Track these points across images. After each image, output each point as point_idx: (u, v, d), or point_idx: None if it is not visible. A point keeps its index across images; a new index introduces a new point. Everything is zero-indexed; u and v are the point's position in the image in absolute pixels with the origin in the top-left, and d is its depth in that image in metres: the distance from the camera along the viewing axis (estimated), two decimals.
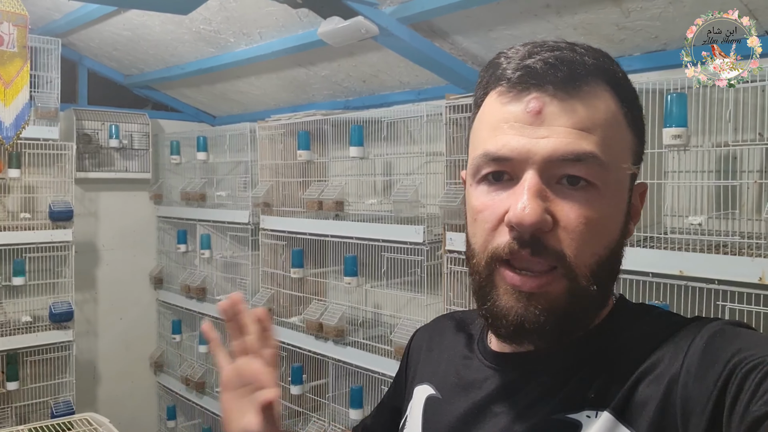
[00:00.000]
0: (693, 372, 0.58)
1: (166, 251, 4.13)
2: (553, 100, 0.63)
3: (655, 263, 1.70)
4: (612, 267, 0.67)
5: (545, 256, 0.62)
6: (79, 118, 3.67)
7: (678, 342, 0.62)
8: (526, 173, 0.63)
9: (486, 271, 0.66)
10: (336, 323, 2.73)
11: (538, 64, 0.64)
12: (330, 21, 2.09)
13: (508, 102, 0.65)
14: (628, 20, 1.95)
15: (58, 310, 3.34)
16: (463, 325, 0.86)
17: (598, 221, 0.63)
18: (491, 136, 0.66)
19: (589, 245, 0.63)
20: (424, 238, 2.37)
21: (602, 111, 0.64)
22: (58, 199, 3.40)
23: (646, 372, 0.62)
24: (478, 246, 0.67)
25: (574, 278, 0.63)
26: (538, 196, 0.62)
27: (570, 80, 0.64)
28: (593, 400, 0.63)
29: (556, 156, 0.62)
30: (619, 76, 0.68)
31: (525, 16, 2.07)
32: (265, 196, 3.13)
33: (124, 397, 4.00)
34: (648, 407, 0.59)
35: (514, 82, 0.65)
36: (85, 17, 3.00)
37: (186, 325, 3.95)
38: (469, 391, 0.74)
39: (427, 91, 2.89)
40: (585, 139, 0.63)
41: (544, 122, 0.63)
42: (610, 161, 0.63)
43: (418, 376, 0.85)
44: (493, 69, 0.69)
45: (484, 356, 0.76)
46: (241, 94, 3.66)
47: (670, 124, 1.63)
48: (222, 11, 2.61)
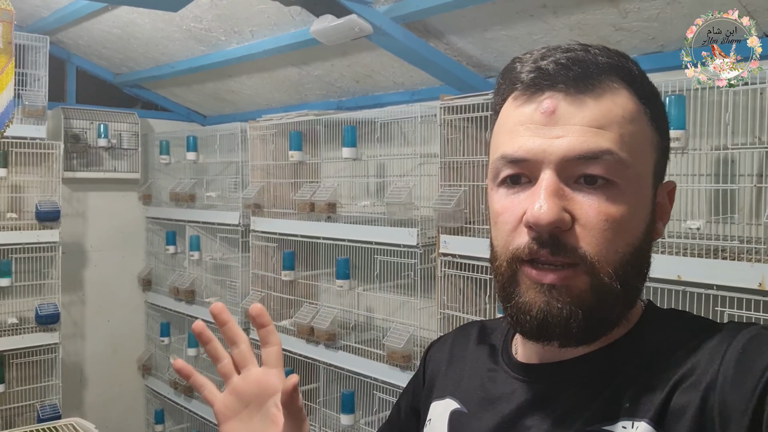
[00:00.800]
0: (730, 378, 0.57)
1: (154, 252, 4.07)
2: (566, 99, 0.63)
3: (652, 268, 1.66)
4: (638, 267, 0.65)
5: (565, 254, 0.62)
6: (68, 116, 3.61)
7: (713, 347, 0.61)
8: (543, 173, 0.63)
9: (509, 271, 0.66)
10: (327, 327, 2.69)
11: (551, 65, 0.64)
12: (323, 19, 2.05)
13: (522, 104, 0.66)
14: (625, 21, 1.93)
15: (45, 311, 3.28)
16: (484, 335, 0.84)
17: (619, 218, 0.62)
18: (508, 140, 0.66)
19: (611, 243, 0.62)
20: (418, 241, 2.34)
21: (618, 108, 0.64)
22: (45, 199, 3.34)
23: (682, 379, 0.60)
24: (500, 248, 0.67)
25: (597, 275, 0.62)
26: (555, 195, 0.62)
27: (583, 79, 0.63)
28: (629, 410, 0.61)
29: (571, 155, 0.62)
30: (636, 74, 0.67)
31: (521, 16, 2.04)
32: (256, 198, 3.09)
33: (112, 400, 3.94)
34: (686, 415, 0.58)
35: (527, 84, 0.65)
36: (74, 14, 2.95)
37: (175, 328, 3.89)
38: (497, 405, 0.72)
39: (422, 92, 2.86)
40: (601, 136, 0.62)
41: (558, 122, 0.63)
42: (628, 158, 0.63)
43: (437, 391, 0.83)
44: (508, 74, 0.69)
45: (510, 368, 0.74)
46: (233, 93, 3.62)
47: (669, 127, 1.60)
48: (213, 9, 2.57)
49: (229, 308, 2.60)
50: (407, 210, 2.41)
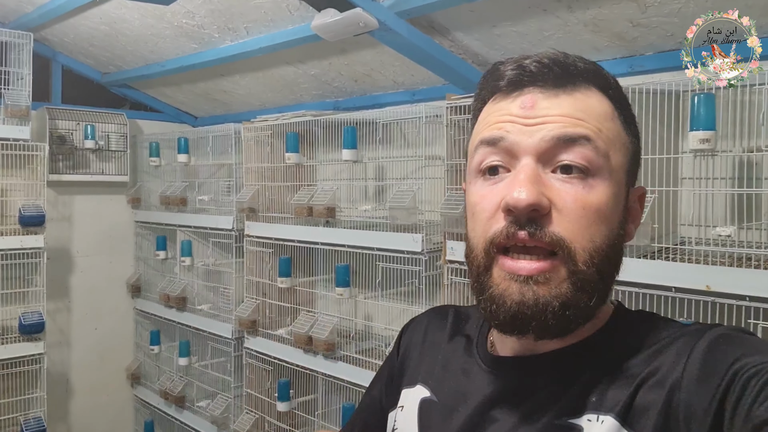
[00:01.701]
0: (695, 377, 0.58)
1: (144, 258, 3.93)
2: (546, 96, 0.66)
3: (678, 277, 1.57)
4: (613, 260, 0.66)
5: (542, 237, 0.62)
6: (53, 117, 3.47)
7: (679, 347, 0.63)
8: (522, 160, 0.64)
9: (484, 261, 0.66)
10: (326, 337, 2.57)
11: (533, 65, 0.67)
12: (325, 13, 1.94)
13: (503, 100, 0.68)
14: (644, 16, 1.83)
15: (29, 321, 3.14)
16: (459, 323, 0.85)
17: (595, 207, 0.64)
18: (485, 128, 0.69)
19: (587, 230, 0.63)
20: (423, 247, 2.23)
21: (595, 106, 0.67)
22: (29, 203, 3.19)
23: (648, 377, 0.62)
24: (477, 237, 0.68)
25: (574, 263, 0.63)
26: (534, 179, 0.63)
27: (562, 78, 0.66)
28: (595, 404, 0.63)
29: (549, 137, 0.63)
30: (611, 81, 0.70)
31: (533, 11, 1.94)
32: (251, 201, 2.97)
33: (99, 411, 3.80)
34: (651, 412, 0.60)
35: (510, 81, 0.67)
36: (60, 10, 2.81)
37: (165, 336, 3.76)
38: (469, 397, 0.73)
39: (423, 92, 2.75)
40: (579, 125, 0.64)
41: (537, 114, 0.65)
42: (605, 147, 0.65)
43: (408, 377, 0.84)
44: (490, 77, 0.71)
45: (483, 360, 0.75)
46: (225, 93, 3.49)
47: (697, 127, 1.51)
48: (206, 4, 2.45)
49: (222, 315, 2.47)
50: (411, 215, 2.30)
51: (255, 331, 3.00)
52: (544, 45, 2.12)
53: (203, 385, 3.48)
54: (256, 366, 3.03)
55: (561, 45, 2.10)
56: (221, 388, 3.33)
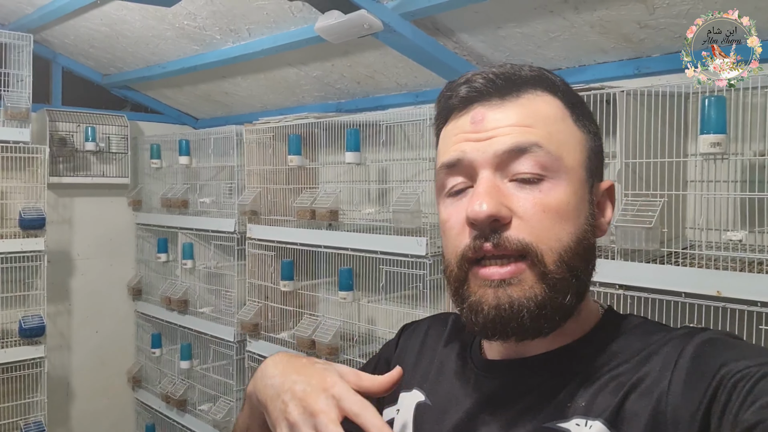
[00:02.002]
0: (682, 383, 0.59)
1: (145, 260, 3.91)
2: (493, 108, 0.68)
3: (688, 282, 1.55)
4: (584, 257, 0.67)
5: (508, 246, 0.64)
6: (53, 119, 3.44)
7: (667, 353, 0.63)
8: (480, 174, 0.66)
9: (460, 274, 0.68)
10: (330, 340, 2.55)
11: (479, 81, 0.69)
12: (329, 15, 1.91)
13: (457, 118, 0.71)
14: (652, 18, 1.81)
15: (29, 324, 3.11)
16: (457, 329, 0.86)
17: (555, 207, 0.65)
18: (444, 152, 0.71)
19: (550, 231, 0.65)
20: (427, 251, 2.21)
21: (543, 110, 0.68)
22: (29, 205, 3.17)
23: (637, 383, 0.62)
24: (450, 254, 0.70)
25: (544, 264, 0.64)
26: (491, 191, 0.65)
27: (506, 88, 0.69)
28: (584, 409, 0.63)
29: (502, 149, 0.65)
30: (558, 83, 0.72)
31: (539, 12, 1.92)
32: (252, 204, 2.94)
33: (100, 414, 3.78)
34: (639, 418, 0.60)
35: (461, 99, 0.70)
36: (60, 11, 2.78)
37: (166, 339, 3.74)
38: (461, 401, 0.74)
39: (426, 94, 2.73)
40: (528, 132, 0.66)
41: (487, 127, 0.67)
42: (556, 151, 0.66)
43: (406, 379, 0.83)
44: (444, 98, 0.74)
45: (476, 364, 0.77)
46: (226, 95, 3.47)
47: (708, 131, 1.49)
48: (208, 5, 2.42)
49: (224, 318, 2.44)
50: (415, 218, 2.28)
51: (257, 334, 2.98)
52: (549, 47, 2.10)
53: (205, 388, 3.46)
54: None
55: (567, 46, 2.08)
56: (223, 391, 3.31)
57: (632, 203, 1.64)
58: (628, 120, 1.69)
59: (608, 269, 1.69)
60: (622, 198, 1.68)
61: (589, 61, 2.16)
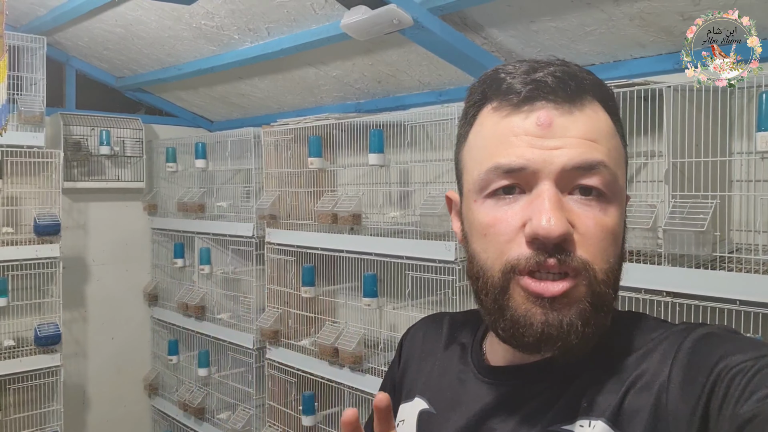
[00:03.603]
0: (680, 378, 0.59)
1: (160, 266, 3.84)
2: (561, 113, 0.64)
3: (743, 289, 1.45)
4: (618, 276, 0.67)
5: (570, 263, 0.61)
6: (67, 123, 3.39)
7: (665, 349, 0.63)
8: (541, 184, 0.63)
9: (501, 283, 0.64)
10: (354, 349, 2.47)
11: (548, 78, 0.64)
12: (355, 11, 1.83)
13: (511, 114, 0.65)
14: (696, 9, 1.71)
15: (45, 332, 3.05)
16: (454, 331, 0.85)
17: (611, 228, 0.64)
18: (500, 150, 0.65)
19: (605, 252, 0.64)
20: (456, 256, 2.12)
21: (602, 123, 0.66)
22: (44, 211, 3.11)
23: (636, 380, 0.62)
24: (492, 259, 0.65)
25: (596, 284, 0.63)
26: (559, 206, 0.62)
27: (576, 93, 0.64)
28: (586, 410, 0.63)
29: (570, 165, 0.62)
30: (610, 93, 0.69)
31: (576, 4, 1.83)
32: (271, 208, 2.87)
33: (116, 423, 3.72)
34: (640, 415, 0.60)
35: (525, 96, 0.64)
36: (74, 12, 2.72)
37: (184, 346, 3.67)
38: (464, 407, 0.73)
39: (449, 92, 2.64)
40: (595, 149, 0.63)
41: (555, 134, 0.63)
42: (616, 170, 0.65)
43: (407, 390, 0.84)
44: (495, 84, 0.67)
45: (478, 370, 0.75)
46: (242, 96, 3.40)
47: (765, 128, 1.39)
48: (227, 4, 2.35)
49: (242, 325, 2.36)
50: (443, 221, 2.19)
51: (277, 341, 2.90)
52: (584, 41, 2.01)
53: (223, 396, 3.38)
54: (279, 378, 2.93)
55: (603, 41, 1.99)
56: (242, 399, 3.24)
57: (681, 205, 1.55)
58: (675, 117, 1.60)
59: (654, 275, 1.60)
60: (670, 200, 1.58)
61: (625, 56, 2.06)
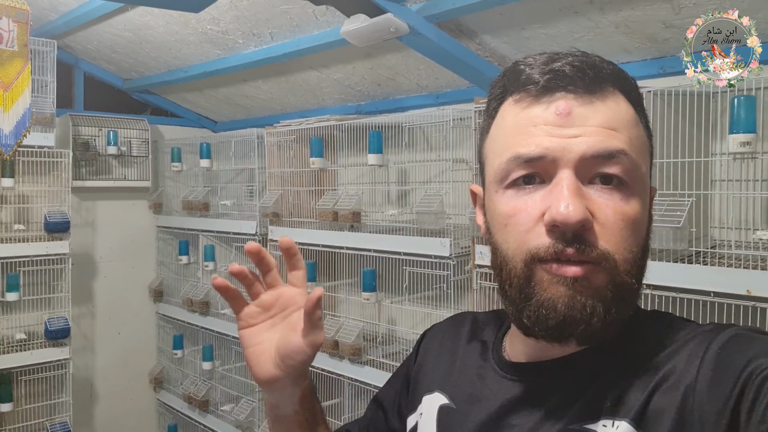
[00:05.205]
0: (708, 380, 0.58)
1: (166, 263, 3.95)
2: (580, 102, 0.64)
3: (718, 281, 1.55)
4: (642, 268, 0.66)
5: (590, 253, 0.61)
6: (76, 124, 3.49)
7: (693, 349, 0.62)
8: (560, 173, 0.63)
9: (525, 272, 0.64)
10: (353, 341, 2.57)
11: (566, 67, 0.64)
12: (355, 19, 1.93)
13: (530, 105, 0.66)
14: (677, 18, 1.81)
15: (54, 326, 3.16)
16: (476, 329, 0.85)
17: (632, 218, 0.64)
18: (520, 140, 0.65)
19: (626, 241, 0.63)
20: (451, 252, 2.22)
21: (624, 112, 0.66)
22: (53, 209, 3.22)
23: (662, 380, 0.61)
24: (513, 249, 0.65)
25: (617, 272, 0.62)
26: (578, 194, 0.62)
27: (595, 83, 0.65)
28: (610, 409, 0.62)
29: (590, 153, 0.62)
30: (632, 83, 0.69)
31: (564, 13, 1.93)
32: (274, 206, 2.97)
33: (123, 415, 3.82)
34: (666, 416, 0.59)
35: (543, 86, 0.65)
36: (84, 17, 2.83)
37: (188, 340, 3.77)
38: (484, 402, 0.73)
39: (447, 95, 2.74)
40: (614, 137, 0.63)
41: (574, 123, 0.63)
42: (637, 159, 0.64)
43: (426, 383, 0.83)
44: (514, 75, 0.68)
45: (499, 366, 0.75)
46: (246, 98, 3.50)
47: (737, 130, 1.49)
48: (232, 10, 2.45)
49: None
50: (439, 219, 2.29)
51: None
52: (573, 47, 2.11)
53: (227, 389, 3.49)
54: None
55: (591, 47, 2.08)
56: (245, 391, 3.34)
57: (660, 203, 1.65)
58: (655, 120, 1.70)
59: None
60: None
61: (612, 61, 2.16)
